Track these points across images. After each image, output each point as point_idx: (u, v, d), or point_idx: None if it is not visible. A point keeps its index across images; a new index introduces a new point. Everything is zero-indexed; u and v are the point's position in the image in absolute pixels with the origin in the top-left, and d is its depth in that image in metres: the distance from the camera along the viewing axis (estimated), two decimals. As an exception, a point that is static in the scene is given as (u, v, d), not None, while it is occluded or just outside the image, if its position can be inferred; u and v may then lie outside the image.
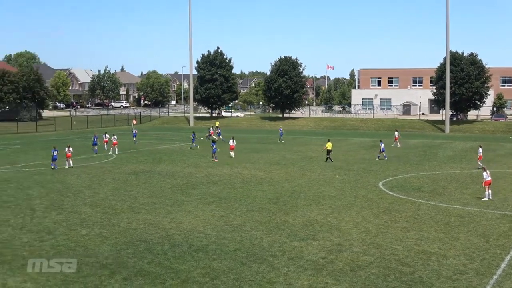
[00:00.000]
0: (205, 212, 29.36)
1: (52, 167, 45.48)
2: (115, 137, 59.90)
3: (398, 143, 67.62)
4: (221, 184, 38.49)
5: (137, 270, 19.78)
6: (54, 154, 45.63)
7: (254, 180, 40.29)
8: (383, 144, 55.60)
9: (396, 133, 70.54)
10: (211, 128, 79.75)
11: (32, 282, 18.44)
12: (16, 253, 21.75)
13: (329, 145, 53.29)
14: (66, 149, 47.34)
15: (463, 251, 22.41)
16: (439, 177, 42.28)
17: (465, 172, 45.02)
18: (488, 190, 33.16)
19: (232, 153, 55.59)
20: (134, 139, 70.50)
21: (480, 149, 48.80)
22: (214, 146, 52.39)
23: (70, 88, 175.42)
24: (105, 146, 60.11)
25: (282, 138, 76.30)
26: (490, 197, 32.95)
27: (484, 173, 33.15)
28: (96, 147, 59.09)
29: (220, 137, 73.59)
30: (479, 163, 47.17)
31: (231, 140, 57.34)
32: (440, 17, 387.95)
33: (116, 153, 57.42)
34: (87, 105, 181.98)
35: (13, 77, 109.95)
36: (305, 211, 29.67)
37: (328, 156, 52.75)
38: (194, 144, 64.29)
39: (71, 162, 46.91)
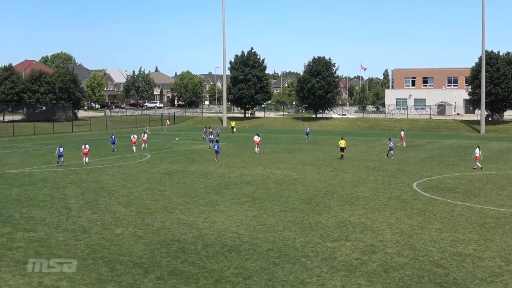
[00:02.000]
0: (238, 212, 29.41)
1: (59, 163, 47.37)
2: (135, 136, 61.79)
3: (404, 142, 67.38)
4: (254, 184, 38.53)
5: (170, 269, 19.88)
6: (60, 150, 47.61)
7: (287, 180, 40.26)
8: (391, 143, 56.46)
9: (402, 132, 70.46)
10: (211, 129, 79.59)
11: (67, 281, 18.62)
12: (52, 251, 21.98)
13: (342, 143, 54.42)
14: (83, 146, 49.12)
15: (498, 253, 22.13)
16: (474, 178, 41.82)
17: (501, 173, 44.46)
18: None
19: (257, 149, 58.48)
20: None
21: (477, 149, 48.44)
22: (217, 146, 52.41)
23: (105, 89, 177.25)
24: (133, 147, 60.55)
25: (308, 137, 76.38)
26: None
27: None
28: (113, 146, 60.57)
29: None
30: (477, 163, 47.44)
31: (256, 136, 59.85)
32: (475, 16, 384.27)
33: (134, 151, 59.43)
34: (122, 106, 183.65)
35: (50, 78, 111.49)
36: (338, 212, 29.56)
37: (342, 153, 54.09)
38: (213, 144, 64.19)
39: (87, 159, 48.77)
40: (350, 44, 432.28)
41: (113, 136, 61.92)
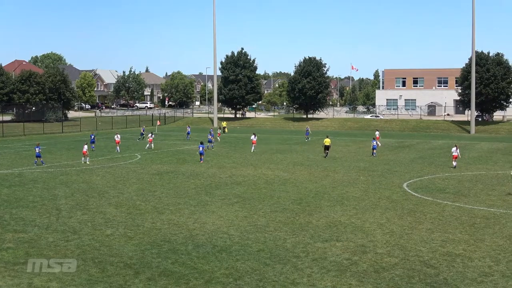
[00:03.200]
0: (229, 212, 29.41)
1: (36, 163, 47.66)
2: (119, 136, 62.48)
3: (379, 142, 67.62)
4: (244, 184, 38.54)
5: (161, 270, 19.85)
6: (37, 151, 48.10)
7: (277, 180, 40.30)
8: (375, 142, 59.28)
9: (377, 132, 70.88)
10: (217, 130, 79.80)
11: (57, 282, 18.56)
12: (42, 252, 21.91)
13: (326, 141, 56.41)
14: (85, 146, 49.96)
15: (488, 253, 22.22)
16: (464, 178, 41.99)
17: (490, 174, 44.65)
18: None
19: (253, 148, 60.35)
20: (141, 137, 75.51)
21: (454, 148, 49.30)
22: (201, 148, 51.32)
23: (95, 89, 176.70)
24: (117, 147, 60.52)
25: (308, 137, 76.56)
26: None
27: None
28: (93, 145, 60.82)
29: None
30: (454, 163, 48.27)
31: (253, 136, 62.09)
32: (465, 17, 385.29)
33: (118, 150, 59.81)
34: (112, 106, 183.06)
35: (40, 78, 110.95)
36: (329, 212, 29.61)
37: (326, 151, 56.00)
38: (211, 145, 64.42)
39: (87, 159, 49.52)
40: (341, 45, 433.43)
41: (93, 136, 62.70)
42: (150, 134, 66.08)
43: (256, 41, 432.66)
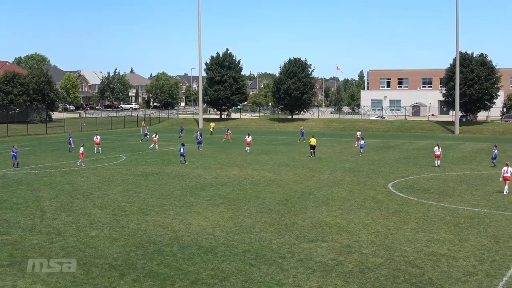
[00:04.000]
0: (214, 213, 29.39)
1: (14, 166, 47.32)
2: (98, 137, 61.98)
3: (357, 142, 68.14)
4: (230, 185, 38.52)
5: (146, 271, 19.82)
6: (14, 153, 47.63)
7: (263, 181, 40.31)
8: (363, 141, 60.72)
9: (358, 133, 71.32)
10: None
11: (42, 284, 18.49)
12: (26, 254, 21.82)
13: (312, 141, 57.64)
14: (81, 148, 49.89)
15: (473, 252, 22.36)
16: (449, 179, 42.21)
17: (475, 174, 44.91)
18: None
19: (247, 148, 61.53)
20: (144, 138, 75.65)
21: (436, 148, 50.33)
22: (182, 149, 50.61)
23: (79, 90, 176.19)
24: (95, 148, 60.16)
25: (304, 137, 76.65)
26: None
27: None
28: (70, 146, 60.99)
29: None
30: (436, 161, 49.45)
31: (247, 136, 63.03)
32: (450, 18, 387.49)
33: (100, 151, 59.81)
34: (97, 107, 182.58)
35: (23, 79, 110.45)
36: (314, 213, 29.66)
37: (312, 151, 57.08)
38: (201, 146, 64.41)
39: (82, 161, 49.27)
40: (325, 45, 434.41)
41: (70, 137, 62.84)
42: (154, 135, 66.85)
43: (241, 42, 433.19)
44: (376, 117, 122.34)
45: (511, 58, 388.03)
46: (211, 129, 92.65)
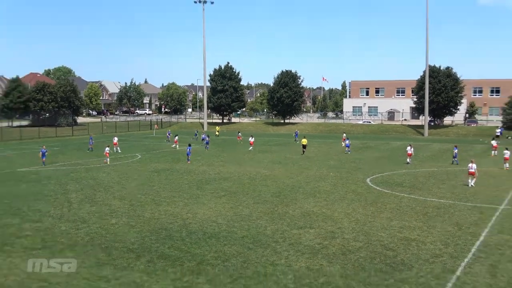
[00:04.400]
0: (217, 204, 29.47)
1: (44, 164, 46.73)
2: (116, 138, 62.87)
3: (343, 143, 68.46)
4: (231, 180, 38.58)
5: (159, 254, 19.91)
6: (43, 153, 47.35)
7: (259, 177, 40.37)
8: (348, 141, 62.16)
9: (344, 134, 71.71)
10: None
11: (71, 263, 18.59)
12: (56, 239, 21.92)
13: (304, 141, 59.51)
14: (107, 148, 50.01)
15: (439, 237, 22.48)
16: (419, 174, 42.30)
17: (441, 170, 45.02)
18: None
19: (251, 148, 63.12)
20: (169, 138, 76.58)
21: (409, 147, 51.11)
22: (188, 149, 50.52)
23: (101, 98, 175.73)
24: (114, 148, 59.92)
25: (297, 139, 76.82)
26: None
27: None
28: (90, 146, 61.49)
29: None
30: (408, 160, 49.82)
31: (250, 137, 65.58)
32: (420, 35, 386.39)
33: (119, 151, 59.45)
34: (116, 113, 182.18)
35: (52, 88, 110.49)
36: (303, 204, 29.74)
37: (304, 149, 58.22)
38: (208, 146, 64.52)
39: (108, 160, 49.01)
40: (313, 59, 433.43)
41: (91, 138, 63.62)
42: (175, 136, 68.17)
43: (241, 56, 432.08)
44: (363, 122, 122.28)
45: (473, 71, 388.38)
46: (217, 132, 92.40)
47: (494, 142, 60.10)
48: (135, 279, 17.21)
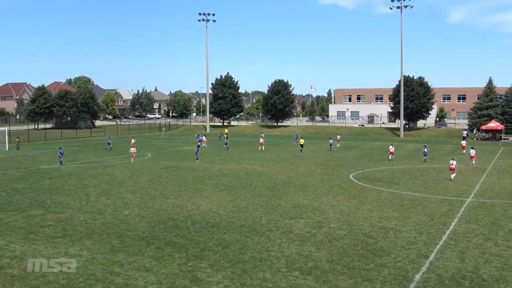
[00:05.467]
0: (218, 197, 29.33)
1: (62, 164, 44.93)
2: (133, 140, 62.11)
3: (338, 144, 68.85)
4: (230, 176, 38.44)
5: (167, 241, 19.75)
6: (60, 154, 45.60)
7: (255, 173, 40.24)
8: (331, 141, 64.16)
9: (338, 136, 72.37)
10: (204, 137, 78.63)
11: (87, 251, 18.42)
12: (75, 228, 21.74)
13: (301, 141, 61.40)
14: (132, 149, 49.31)
15: (413, 227, 22.39)
16: (396, 171, 42.25)
17: (415, 167, 44.97)
18: None
19: (260, 147, 63.02)
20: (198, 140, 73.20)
21: (391, 146, 52.00)
22: (197, 149, 49.80)
23: (116, 104, 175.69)
24: (132, 148, 59.23)
25: (297, 140, 76.47)
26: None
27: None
28: (108, 147, 61.08)
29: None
30: (390, 157, 50.34)
31: (261, 138, 65.68)
32: (396, 48, 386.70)
33: (135, 150, 57.79)
34: (129, 117, 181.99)
35: (73, 95, 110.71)
36: (294, 197, 29.64)
37: (301, 149, 59.54)
38: (224, 144, 64.68)
39: (132, 159, 48.15)
40: (303, 69, 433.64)
41: (109, 139, 63.03)
42: (203, 137, 68.89)
43: (239, 66, 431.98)
44: (358, 125, 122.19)
45: (442, 80, 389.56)
46: (225, 135, 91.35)
47: (463, 142, 61.13)
48: (145, 264, 17.05)
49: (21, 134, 79.10)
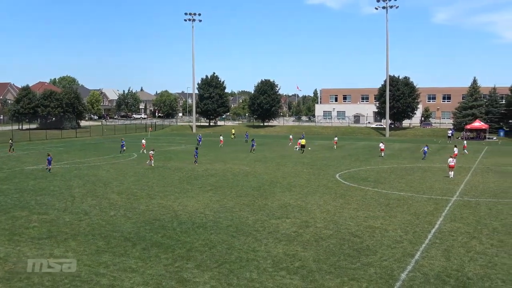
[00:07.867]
0: (205, 197, 29.25)
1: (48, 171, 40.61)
2: (143, 141, 61.62)
3: (335, 146, 68.35)
4: (216, 176, 38.37)
5: (153, 242, 19.67)
6: (48, 160, 41.27)
7: (241, 173, 40.21)
8: (302, 139, 63.04)
9: (335, 138, 71.31)
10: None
11: (72, 252, 18.27)
12: (60, 230, 21.56)
13: (303, 141, 60.68)
14: (152, 152, 46.02)
15: (399, 225, 22.51)
16: (381, 170, 42.46)
17: (401, 166, 45.24)
18: None
19: (254, 147, 61.23)
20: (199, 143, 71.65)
21: (381, 144, 53.70)
22: (195, 151, 48.69)
23: (101, 104, 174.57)
24: (142, 149, 58.71)
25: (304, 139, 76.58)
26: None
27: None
28: (122, 149, 58.55)
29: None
30: (382, 154, 52.12)
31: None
32: (382, 49, 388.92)
33: (145, 152, 57.21)
34: (115, 117, 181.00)
35: (58, 95, 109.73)
36: (280, 196, 29.65)
37: (303, 149, 59.04)
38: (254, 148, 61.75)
39: (152, 162, 44.75)
40: (288, 69, 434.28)
41: (123, 142, 60.37)
42: (220, 136, 68.97)
43: (225, 66, 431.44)
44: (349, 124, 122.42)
45: (427, 80, 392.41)
46: (232, 135, 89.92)
47: (456, 150, 61.02)
48: (131, 265, 16.96)
49: (4, 134, 78.30)
